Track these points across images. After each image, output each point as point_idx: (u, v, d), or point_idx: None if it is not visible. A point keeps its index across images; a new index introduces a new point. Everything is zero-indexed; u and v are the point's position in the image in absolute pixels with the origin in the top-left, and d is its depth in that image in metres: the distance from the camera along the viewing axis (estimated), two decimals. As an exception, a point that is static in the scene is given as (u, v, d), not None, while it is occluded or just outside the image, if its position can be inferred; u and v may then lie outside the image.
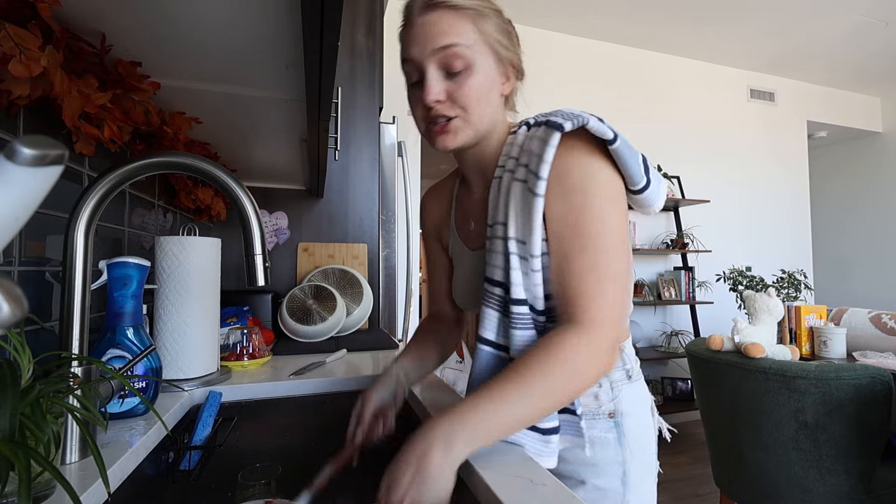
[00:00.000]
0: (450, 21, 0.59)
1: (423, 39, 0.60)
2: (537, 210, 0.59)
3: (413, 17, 0.61)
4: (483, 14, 0.60)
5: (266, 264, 0.62)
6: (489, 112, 0.63)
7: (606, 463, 0.66)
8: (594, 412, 0.66)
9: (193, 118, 0.91)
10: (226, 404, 0.88)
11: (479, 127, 0.63)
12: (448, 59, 0.59)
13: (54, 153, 0.29)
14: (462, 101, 0.60)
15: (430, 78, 0.60)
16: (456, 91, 0.60)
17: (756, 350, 1.61)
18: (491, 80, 0.62)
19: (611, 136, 0.58)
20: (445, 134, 0.62)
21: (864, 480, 1.47)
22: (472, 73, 0.60)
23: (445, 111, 0.61)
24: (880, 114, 4.71)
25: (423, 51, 0.60)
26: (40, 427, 0.40)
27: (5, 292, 0.25)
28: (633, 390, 0.69)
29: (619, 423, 0.66)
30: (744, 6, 3.16)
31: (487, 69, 0.61)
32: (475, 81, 0.60)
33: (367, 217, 1.86)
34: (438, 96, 0.60)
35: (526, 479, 0.49)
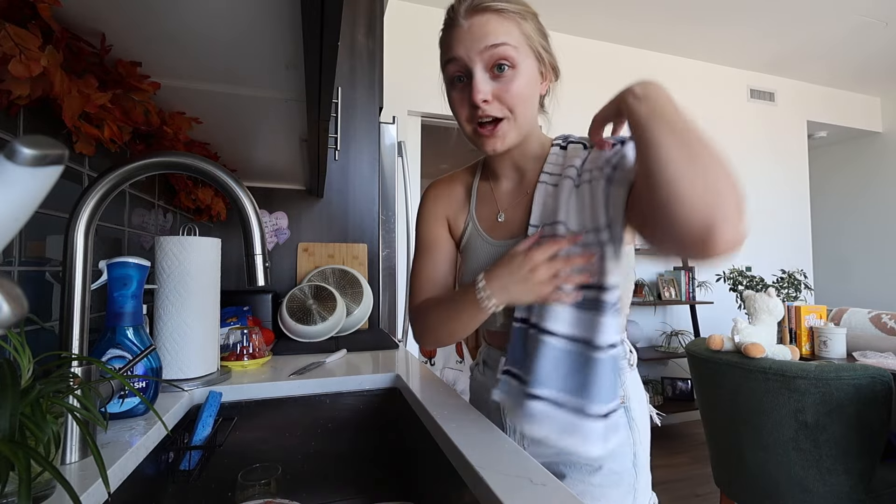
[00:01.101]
0: (497, 22, 0.61)
1: (470, 39, 0.62)
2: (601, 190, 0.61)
3: (458, 18, 0.63)
4: (525, 17, 0.63)
5: (266, 264, 0.62)
6: (532, 112, 0.66)
7: (619, 446, 0.68)
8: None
9: (193, 118, 0.91)
10: (226, 404, 0.88)
11: (524, 128, 0.66)
12: (496, 58, 0.61)
13: (54, 153, 0.29)
14: (509, 101, 0.63)
15: (479, 78, 0.62)
16: (503, 92, 0.62)
17: (756, 350, 1.61)
18: (534, 81, 0.65)
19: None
20: (494, 138, 0.65)
21: (864, 480, 1.47)
22: (518, 73, 0.62)
23: (493, 111, 0.63)
24: (880, 114, 4.71)
25: (470, 49, 0.62)
26: (40, 427, 0.40)
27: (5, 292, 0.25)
28: (634, 377, 0.74)
29: (629, 408, 0.70)
30: (744, 6, 3.16)
31: (531, 70, 0.64)
32: (521, 82, 0.62)
33: (367, 217, 1.86)
34: (486, 96, 0.62)
35: (526, 479, 0.49)
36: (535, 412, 0.61)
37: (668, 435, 3.33)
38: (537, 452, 0.68)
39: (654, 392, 3.39)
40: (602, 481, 0.67)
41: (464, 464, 0.54)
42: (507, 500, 0.44)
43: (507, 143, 0.65)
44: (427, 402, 0.79)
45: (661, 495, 2.46)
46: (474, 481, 0.51)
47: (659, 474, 2.72)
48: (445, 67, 0.66)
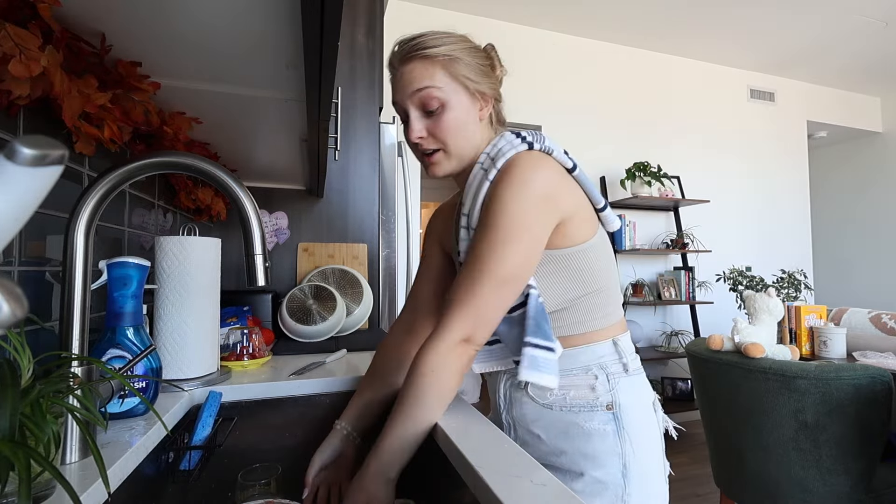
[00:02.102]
0: (423, 67, 0.69)
1: (403, 85, 0.71)
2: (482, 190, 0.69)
3: (395, 67, 0.72)
4: (453, 58, 0.69)
5: (266, 264, 0.62)
6: (468, 139, 0.72)
7: (605, 454, 0.67)
8: (591, 404, 0.69)
9: (193, 118, 0.91)
10: (226, 404, 0.88)
11: (461, 154, 0.73)
12: (424, 99, 0.69)
13: (54, 153, 0.29)
14: (441, 136, 0.70)
15: (413, 118, 0.71)
16: (434, 128, 0.70)
17: (756, 350, 1.61)
18: (465, 112, 0.71)
19: (570, 166, 0.71)
20: (433, 165, 0.74)
21: (864, 480, 1.47)
22: (447, 109, 0.69)
23: (428, 145, 0.72)
24: (880, 114, 4.71)
25: (404, 94, 0.71)
26: (40, 427, 0.40)
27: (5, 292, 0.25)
28: (631, 383, 0.72)
29: (618, 416, 0.69)
30: (744, 6, 3.16)
31: (461, 104, 0.71)
32: (449, 117, 0.70)
33: (367, 217, 1.86)
34: (420, 133, 0.71)
35: (526, 479, 0.49)
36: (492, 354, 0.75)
37: (669, 435, 3.33)
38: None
39: (655, 392, 3.38)
40: (583, 489, 0.67)
41: (464, 464, 0.54)
42: (507, 500, 0.44)
43: (444, 169, 0.74)
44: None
45: (661, 495, 2.46)
46: (474, 481, 0.51)
47: (659, 474, 2.71)
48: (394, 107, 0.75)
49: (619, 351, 0.73)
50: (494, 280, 0.63)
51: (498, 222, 0.64)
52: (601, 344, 0.72)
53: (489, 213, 0.66)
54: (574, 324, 0.71)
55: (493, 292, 0.63)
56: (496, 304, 0.64)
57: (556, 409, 0.71)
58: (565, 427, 0.70)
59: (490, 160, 0.70)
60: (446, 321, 0.63)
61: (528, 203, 0.65)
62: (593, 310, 0.72)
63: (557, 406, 0.71)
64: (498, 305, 0.65)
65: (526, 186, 0.65)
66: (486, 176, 0.69)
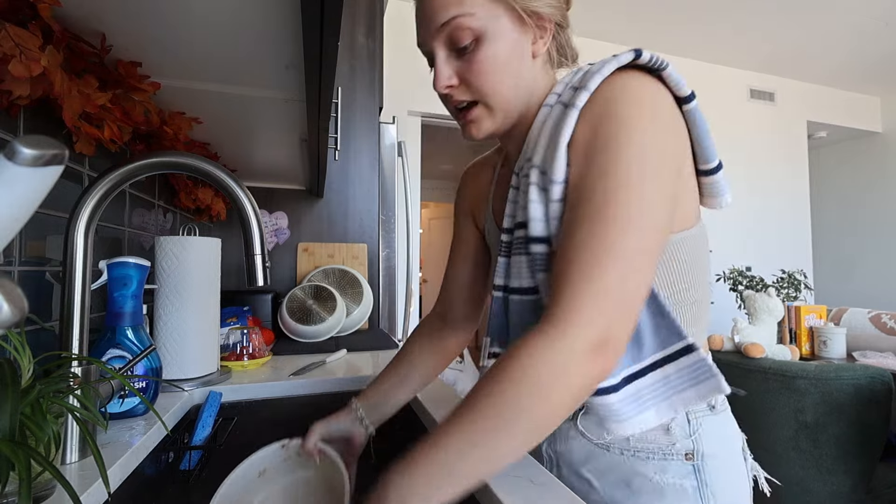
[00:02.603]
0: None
1: (426, 17, 0.52)
2: (569, 124, 0.48)
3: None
4: None
5: (266, 264, 0.62)
6: (516, 85, 0.53)
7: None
8: (665, 450, 0.52)
9: (193, 118, 0.91)
10: (226, 404, 0.88)
11: (506, 107, 0.53)
12: (453, 34, 0.50)
13: (54, 153, 0.29)
14: (475, 81, 0.51)
15: (439, 62, 0.52)
16: (467, 71, 0.51)
17: (756, 350, 1.61)
18: (511, 46, 0.51)
19: (688, 92, 0.50)
20: (470, 124, 0.55)
21: (864, 480, 1.47)
22: (484, 44, 0.50)
23: (461, 96, 0.53)
24: (880, 114, 4.71)
25: (427, 31, 0.52)
26: (40, 427, 0.40)
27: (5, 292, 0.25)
28: (719, 425, 0.54)
29: (700, 468, 0.52)
30: (744, 6, 3.16)
31: (504, 33, 0.51)
32: (486, 54, 0.50)
33: (367, 217, 1.86)
34: (449, 81, 0.52)
35: (526, 479, 0.49)
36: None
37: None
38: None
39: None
40: None
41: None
42: (507, 500, 0.44)
43: (485, 129, 0.54)
44: (427, 402, 0.79)
45: (661, 495, 2.46)
46: (474, 481, 0.51)
47: (659, 474, 2.71)
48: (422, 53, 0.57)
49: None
50: (640, 236, 0.42)
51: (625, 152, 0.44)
52: None
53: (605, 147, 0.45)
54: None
55: (641, 257, 0.42)
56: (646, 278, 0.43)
57: (615, 452, 0.54)
58: (627, 477, 0.53)
59: (572, 89, 0.50)
60: (568, 309, 0.40)
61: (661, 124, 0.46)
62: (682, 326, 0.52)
63: (617, 448, 0.54)
64: (647, 280, 0.43)
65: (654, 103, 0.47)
66: (570, 106, 0.48)
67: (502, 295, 0.57)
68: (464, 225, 0.73)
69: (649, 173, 0.43)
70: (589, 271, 0.41)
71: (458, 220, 0.74)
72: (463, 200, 0.73)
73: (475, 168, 0.74)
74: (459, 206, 0.74)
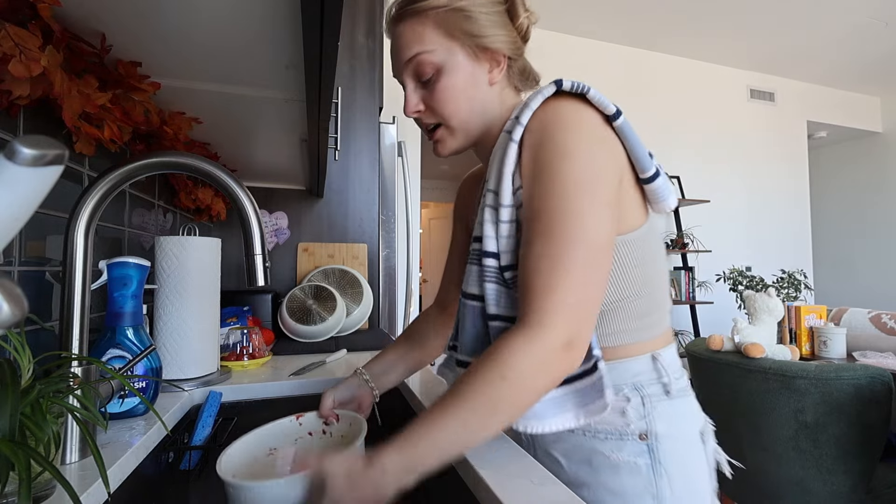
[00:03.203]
0: (412, 28, 0.59)
1: (395, 54, 0.61)
2: (509, 154, 0.55)
3: (388, 32, 0.63)
4: (450, 9, 0.57)
5: (266, 264, 0.62)
6: (474, 108, 0.61)
7: (636, 493, 0.56)
8: (621, 432, 0.57)
9: (193, 118, 0.91)
10: (226, 404, 0.88)
11: (466, 128, 0.62)
12: (417, 68, 0.59)
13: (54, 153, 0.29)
14: (437, 107, 0.60)
15: (407, 91, 0.62)
16: (430, 99, 0.60)
17: (756, 350, 1.61)
18: (467, 76, 0.59)
19: (613, 110, 0.55)
20: (436, 143, 0.64)
21: (864, 480, 1.47)
22: (443, 75, 0.59)
23: (427, 119, 0.62)
24: (880, 114, 4.71)
25: (397, 65, 0.62)
26: (40, 427, 0.40)
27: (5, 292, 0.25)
28: (673, 409, 0.59)
29: (654, 448, 0.56)
30: (744, 6, 3.16)
31: (460, 67, 0.59)
32: (446, 84, 0.59)
33: (367, 217, 1.86)
34: (416, 107, 0.61)
35: (526, 479, 0.49)
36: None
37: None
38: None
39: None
40: None
41: (464, 464, 0.54)
42: (507, 500, 0.44)
43: (449, 147, 0.63)
44: (427, 401, 0.79)
45: (661, 495, 2.46)
46: (474, 481, 0.51)
47: (659, 474, 2.71)
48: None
49: (658, 368, 0.59)
50: (585, 247, 0.49)
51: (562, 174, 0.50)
52: (637, 359, 0.59)
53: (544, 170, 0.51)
54: (608, 334, 0.58)
55: (589, 266, 0.49)
56: (597, 283, 0.50)
57: (579, 433, 0.59)
58: (588, 456, 0.58)
59: (514, 121, 0.57)
60: (540, 313, 0.47)
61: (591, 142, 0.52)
62: (631, 319, 0.58)
63: (580, 430, 0.59)
64: (599, 284, 0.50)
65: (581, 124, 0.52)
66: (510, 137, 0.56)
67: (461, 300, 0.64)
68: (457, 228, 0.82)
69: (587, 190, 0.50)
70: (551, 282, 0.48)
71: (454, 221, 0.83)
72: (458, 207, 0.82)
73: (470, 179, 0.81)
74: (455, 211, 0.83)
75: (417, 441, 0.46)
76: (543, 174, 0.52)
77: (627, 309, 0.58)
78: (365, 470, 0.45)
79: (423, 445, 0.45)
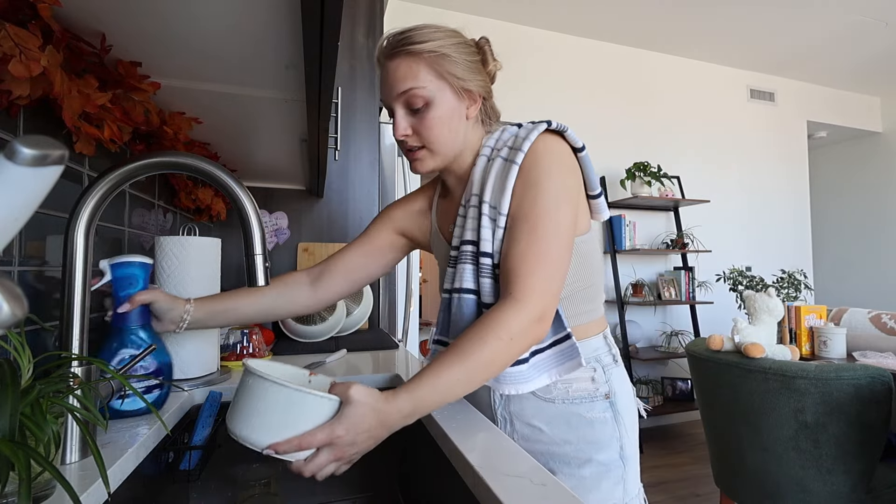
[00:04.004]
0: (407, 66, 0.69)
1: (388, 85, 0.71)
2: (512, 175, 0.69)
3: (381, 63, 0.72)
4: (440, 55, 0.69)
5: (266, 264, 0.62)
6: (454, 137, 0.73)
7: (606, 439, 0.72)
8: (592, 395, 0.73)
9: (193, 118, 0.91)
10: (226, 404, 0.88)
11: (445, 152, 0.74)
12: (409, 99, 0.69)
13: (54, 153, 0.29)
14: (424, 133, 0.71)
15: (398, 116, 0.71)
16: (419, 126, 0.71)
17: (756, 350, 1.61)
18: (451, 110, 0.71)
19: (580, 145, 0.73)
20: (417, 161, 0.74)
21: (864, 480, 1.47)
22: (431, 108, 0.70)
23: (413, 142, 0.73)
24: (880, 114, 4.71)
25: (389, 94, 0.71)
26: (40, 427, 0.40)
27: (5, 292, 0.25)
28: (619, 372, 0.77)
29: (614, 403, 0.74)
30: (744, 6, 3.16)
31: (446, 102, 0.71)
32: (434, 115, 0.70)
33: (367, 217, 1.86)
34: (405, 131, 0.71)
35: (526, 479, 0.49)
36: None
37: (669, 435, 3.33)
38: (527, 448, 0.72)
39: (654, 392, 3.39)
40: (591, 473, 0.71)
41: (464, 464, 0.54)
42: (507, 500, 0.44)
43: (427, 166, 0.74)
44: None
45: (661, 495, 2.46)
46: (474, 481, 0.51)
47: (659, 474, 2.72)
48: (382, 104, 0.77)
49: (608, 343, 0.77)
50: (558, 243, 0.65)
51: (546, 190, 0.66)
52: (595, 338, 0.75)
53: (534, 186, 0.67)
54: (572, 316, 0.73)
55: (561, 258, 0.65)
56: (564, 271, 0.66)
57: (559, 403, 0.73)
58: (568, 418, 0.72)
59: (509, 149, 0.72)
60: (525, 291, 0.62)
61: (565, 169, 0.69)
62: (587, 301, 0.75)
63: (560, 399, 0.73)
64: (565, 272, 0.66)
65: (561, 159, 0.69)
66: (512, 162, 0.70)
67: (448, 297, 0.75)
68: (380, 233, 0.90)
69: (562, 203, 0.67)
70: (532, 269, 0.63)
71: (376, 227, 0.90)
72: (391, 214, 0.91)
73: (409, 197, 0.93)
74: (386, 216, 0.91)
75: (426, 389, 0.57)
76: (532, 188, 0.67)
77: (584, 294, 0.75)
78: (385, 404, 0.55)
79: (429, 393, 0.57)
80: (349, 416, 0.53)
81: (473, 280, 0.71)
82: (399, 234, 0.91)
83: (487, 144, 0.76)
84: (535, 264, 0.63)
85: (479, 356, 0.59)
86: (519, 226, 0.67)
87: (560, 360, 0.69)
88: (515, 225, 0.67)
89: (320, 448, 0.53)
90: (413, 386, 0.57)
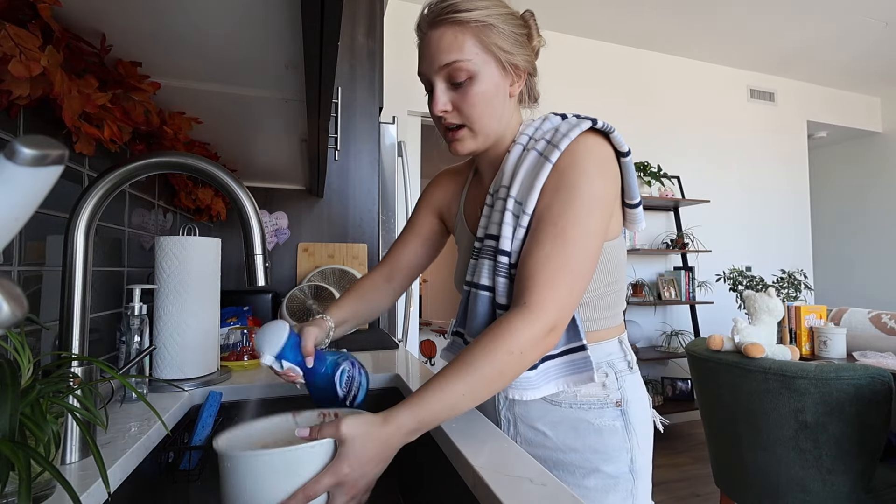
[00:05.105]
0: (453, 36, 0.64)
1: (430, 56, 0.66)
2: (544, 173, 0.64)
3: (423, 32, 0.67)
4: (487, 25, 0.64)
5: (266, 264, 0.62)
6: (496, 116, 0.68)
7: (615, 450, 0.68)
8: (602, 401, 0.69)
9: (193, 118, 0.91)
10: (226, 404, 0.88)
11: (487, 132, 0.69)
12: (452, 73, 0.64)
13: (54, 153, 0.29)
14: (466, 110, 0.66)
15: (438, 91, 0.66)
16: (460, 101, 0.66)
17: (756, 350, 1.61)
18: (495, 86, 0.66)
19: (626, 150, 0.67)
20: (456, 142, 0.69)
21: (864, 480, 1.47)
22: (475, 82, 0.65)
23: (453, 119, 0.67)
24: (880, 114, 4.71)
25: (430, 67, 0.66)
26: (40, 427, 0.40)
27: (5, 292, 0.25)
28: (634, 380, 0.72)
29: (625, 412, 0.69)
30: (744, 6, 3.16)
31: (491, 76, 0.66)
32: (477, 90, 0.65)
33: (367, 217, 1.86)
34: (445, 107, 0.66)
35: (526, 479, 0.49)
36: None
37: (668, 435, 3.33)
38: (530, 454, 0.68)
39: (654, 392, 3.39)
40: (597, 484, 0.67)
41: (464, 464, 0.54)
42: (507, 500, 0.44)
43: (468, 147, 0.69)
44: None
45: (661, 495, 2.46)
46: (474, 481, 0.51)
47: (659, 474, 2.72)
48: (419, 76, 0.70)
49: (623, 349, 0.73)
50: (585, 254, 0.60)
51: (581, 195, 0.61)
52: (610, 342, 0.71)
53: (567, 188, 0.62)
54: (590, 320, 0.70)
55: (585, 270, 0.60)
56: (585, 283, 0.61)
57: (566, 407, 0.69)
58: (574, 424, 0.69)
59: (546, 142, 0.67)
60: (538, 301, 0.57)
61: (606, 174, 0.64)
62: (608, 307, 0.71)
63: (567, 403, 0.69)
64: (584, 283, 0.61)
65: (602, 162, 0.64)
66: (546, 158, 0.65)
67: (468, 289, 0.72)
68: (425, 217, 0.87)
69: (595, 211, 0.62)
70: (551, 278, 0.59)
71: (421, 211, 0.88)
72: (435, 197, 0.87)
73: (448, 175, 0.88)
74: (427, 201, 0.88)
75: (431, 404, 0.54)
76: (566, 191, 0.62)
77: (605, 300, 0.71)
78: (382, 427, 0.52)
79: (434, 407, 0.54)
80: (348, 453, 0.50)
81: (490, 277, 0.68)
82: (438, 217, 0.88)
83: (525, 133, 0.71)
84: (555, 273, 0.58)
85: (488, 370, 0.55)
86: (545, 228, 0.61)
87: (570, 370, 0.66)
88: (541, 227, 0.62)
89: (332, 492, 0.50)
90: (416, 401, 0.54)
